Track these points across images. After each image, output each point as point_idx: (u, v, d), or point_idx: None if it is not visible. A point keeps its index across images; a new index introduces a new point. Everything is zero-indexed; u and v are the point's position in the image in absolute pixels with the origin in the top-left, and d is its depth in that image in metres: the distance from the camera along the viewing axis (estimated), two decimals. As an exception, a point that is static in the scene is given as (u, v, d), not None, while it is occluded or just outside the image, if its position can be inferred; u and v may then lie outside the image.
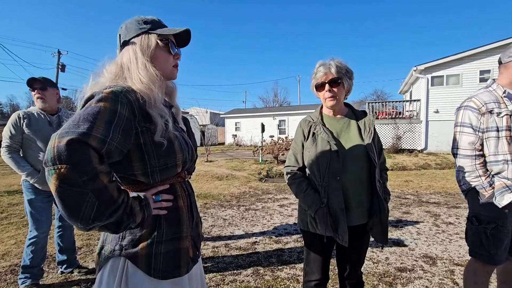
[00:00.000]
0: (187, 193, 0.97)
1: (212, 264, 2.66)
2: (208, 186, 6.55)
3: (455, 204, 4.85)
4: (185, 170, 0.97)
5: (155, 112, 0.84)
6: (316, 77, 1.41)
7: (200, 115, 18.64)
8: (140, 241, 0.84)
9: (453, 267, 2.57)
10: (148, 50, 0.90)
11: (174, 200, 0.91)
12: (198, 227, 1.02)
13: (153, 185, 0.88)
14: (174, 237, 0.89)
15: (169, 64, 0.95)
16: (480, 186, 1.51)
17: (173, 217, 0.90)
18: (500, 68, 1.60)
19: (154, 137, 0.83)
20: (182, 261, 0.89)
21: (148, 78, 0.86)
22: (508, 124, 1.45)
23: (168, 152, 0.87)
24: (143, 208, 0.81)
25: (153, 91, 0.85)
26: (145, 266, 0.83)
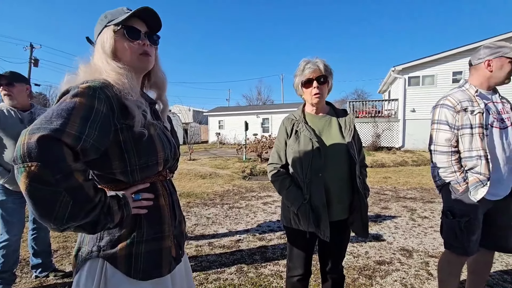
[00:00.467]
0: (169, 192, 0.95)
1: (196, 263, 2.64)
2: (191, 185, 6.47)
3: (430, 199, 5.10)
4: (166, 169, 0.95)
5: (132, 104, 0.81)
6: (304, 73, 1.43)
7: (183, 113, 18.29)
8: (119, 242, 0.81)
9: (428, 259, 2.70)
10: (107, 45, 0.85)
11: (155, 199, 0.88)
12: (181, 225, 1.01)
13: (132, 183, 0.85)
14: (155, 236, 0.87)
15: (132, 53, 0.87)
16: (455, 181, 1.59)
17: (154, 216, 0.88)
18: (470, 70, 1.69)
19: (134, 128, 0.80)
20: (164, 261, 0.87)
21: (115, 72, 0.82)
22: (481, 121, 1.53)
23: (149, 150, 0.84)
24: (121, 207, 0.78)
25: (125, 84, 0.81)
26: (124, 267, 0.80)
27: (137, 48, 0.88)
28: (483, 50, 1.61)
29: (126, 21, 0.86)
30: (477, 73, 1.64)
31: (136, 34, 0.88)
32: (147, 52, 0.89)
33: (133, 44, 0.87)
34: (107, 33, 0.86)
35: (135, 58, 0.88)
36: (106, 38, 0.86)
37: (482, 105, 1.55)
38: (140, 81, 0.96)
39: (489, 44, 1.60)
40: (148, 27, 0.91)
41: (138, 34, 0.88)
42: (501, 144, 1.54)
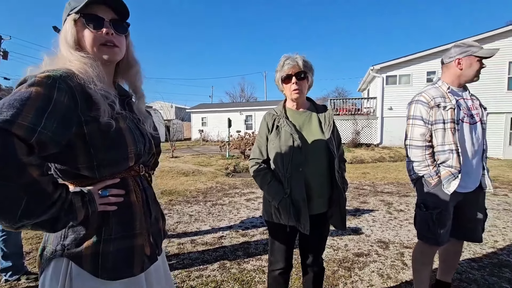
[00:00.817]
0: (142, 188, 0.91)
1: (177, 261, 2.61)
2: (173, 183, 6.37)
3: (405, 193, 5.32)
4: (140, 164, 0.91)
5: (97, 94, 0.76)
6: (283, 69, 1.44)
7: (164, 109, 17.85)
8: (84, 240, 0.77)
9: (403, 250, 2.83)
10: (69, 35, 0.80)
11: (125, 195, 0.84)
12: (158, 223, 0.97)
13: (100, 179, 0.80)
14: (126, 234, 0.82)
15: (94, 43, 0.82)
16: (428, 175, 1.67)
17: (124, 213, 0.84)
18: (443, 68, 1.78)
19: (100, 119, 0.75)
20: (136, 259, 0.83)
21: (79, 61, 0.78)
22: (452, 117, 1.61)
23: (118, 144, 0.80)
24: (86, 204, 0.75)
25: (89, 73, 0.77)
26: (90, 266, 0.77)
27: (99, 37, 0.82)
28: (454, 49, 1.69)
29: (87, 8, 0.80)
30: (448, 71, 1.73)
31: (97, 22, 0.82)
32: (110, 41, 0.84)
33: (94, 33, 0.82)
34: (69, 22, 0.81)
35: (96, 49, 0.83)
36: (67, 28, 0.81)
37: (454, 101, 1.63)
38: (111, 72, 0.92)
39: (459, 43, 1.69)
40: (116, 13, 0.85)
41: (100, 22, 0.82)
42: (470, 139, 1.64)
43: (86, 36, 0.82)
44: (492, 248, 2.83)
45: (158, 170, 6.51)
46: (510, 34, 11.63)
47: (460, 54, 1.65)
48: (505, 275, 2.30)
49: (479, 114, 1.69)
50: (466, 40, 1.73)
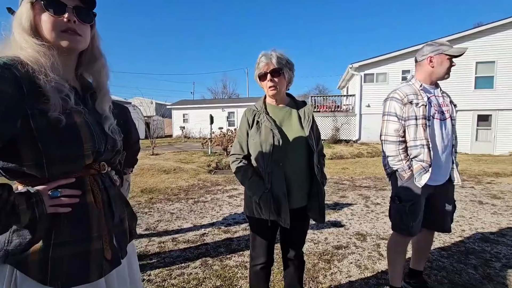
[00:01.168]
0: (103, 187, 0.85)
1: (158, 260, 2.57)
2: (154, 180, 6.23)
3: (382, 187, 5.55)
4: (101, 162, 0.85)
5: (48, 86, 0.70)
6: (259, 67, 1.45)
7: (144, 105, 17.36)
8: (30, 245, 0.71)
9: (379, 241, 2.95)
10: (24, 19, 0.74)
11: (81, 196, 0.78)
12: (123, 224, 0.91)
13: (50, 178, 0.74)
14: (81, 238, 0.76)
15: (53, 29, 0.75)
16: (401, 169, 1.74)
17: (79, 216, 0.77)
18: (416, 66, 1.86)
19: (49, 113, 0.69)
20: (93, 264, 0.77)
21: (32, 49, 0.71)
22: (424, 113, 1.69)
23: (71, 141, 0.74)
24: (32, 205, 0.69)
25: (41, 62, 0.71)
26: (38, 274, 0.70)
27: (59, 23, 0.76)
28: (426, 47, 1.77)
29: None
30: (421, 69, 1.81)
31: (59, 8, 0.75)
32: (72, 29, 0.77)
33: (54, 18, 0.75)
34: (25, 5, 0.74)
35: (55, 35, 0.76)
36: (23, 10, 0.74)
37: (425, 98, 1.72)
38: (71, 63, 0.86)
39: (431, 43, 1.77)
40: (81, 1, 0.79)
41: (62, 7, 0.76)
42: (440, 134, 1.73)
43: (44, 21, 0.75)
44: (460, 237, 3.03)
45: (138, 168, 6.35)
46: (477, 35, 12.37)
47: (432, 52, 1.74)
48: (471, 261, 2.47)
49: (449, 110, 1.78)
50: (438, 40, 1.81)
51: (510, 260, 2.50)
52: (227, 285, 2.15)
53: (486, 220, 3.55)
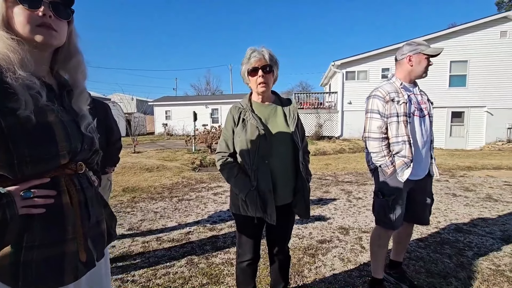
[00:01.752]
0: (80, 188, 0.82)
1: (142, 260, 2.52)
2: (136, 179, 6.07)
3: (363, 182, 5.72)
4: (77, 161, 0.83)
5: (16, 83, 0.68)
6: (250, 62, 1.44)
7: (124, 102, 16.79)
8: (0, 248, 0.69)
9: (361, 235, 3.05)
10: None
11: (56, 197, 0.76)
12: (100, 225, 0.90)
13: (22, 179, 0.72)
14: (55, 240, 0.75)
15: (27, 24, 0.73)
16: (384, 165, 1.80)
17: (54, 217, 0.75)
18: (396, 65, 1.92)
19: (18, 111, 0.67)
20: (68, 267, 0.76)
21: (2, 44, 0.69)
22: (405, 110, 1.75)
23: (45, 140, 0.72)
24: (2, 207, 0.66)
25: (10, 58, 0.69)
26: (8, 278, 0.68)
27: (34, 17, 0.74)
28: (406, 47, 1.83)
29: None
30: (401, 67, 1.87)
31: (34, 1, 0.73)
32: (47, 24, 0.75)
33: (29, 12, 0.73)
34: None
35: (29, 29, 0.74)
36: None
37: (406, 96, 1.78)
38: (46, 59, 0.84)
39: (410, 42, 1.84)
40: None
41: (37, 1, 0.74)
42: (420, 130, 1.80)
43: (18, 14, 0.72)
44: (436, 228, 3.19)
45: (119, 166, 6.15)
46: (451, 35, 12.95)
47: (411, 51, 1.80)
48: (446, 251, 2.61)
49: (427, 108, 1.86)
50: (417, 39, 1.88)
51: (481, 248, 2.66)
52: (213, 283, 2.14)
53: (460, 212, 3.76)
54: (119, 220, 3.60)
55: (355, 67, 14.31)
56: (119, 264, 2.45)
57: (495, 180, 5.64)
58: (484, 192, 4.72)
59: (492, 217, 3.51)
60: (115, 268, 2.37)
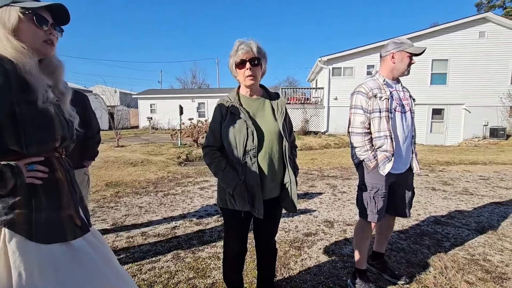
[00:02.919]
0: (66, 168, 1.02)
1: (127, 255, 2.48)
2: (120, 173, 5.93)
3: (348, 176, 5.85)
4: (63, 147, 1.02)
5: (35, 80, 0.87)
6: (237, 54, 1.41)
7: (107, 94, 16.21)
8: (14, 208, 0.86)
9: (346, 227, 3.13)
10: (9, 23, 0.88)
11: (51, 173, 0.94)
12: (83, 201, 1.08)
13: (26, 155, 0.90)
14: (54, 207, 0.93)
15: (37, 39, 0.93)
16: (367, 159, 1.84)
17: (52, 188, 0.94)
18: (380, 61, 1.95)
19: (37, 102, 0.87)
20: (67, 227, 0.94)
21: (14, 49, 0.86)
22: (387, 106, 1.80)
23: (49, 127, 0.92)
24: (15, 175, 0.84)
25: (28, 62, 0.86)
26: (24, 232, 0.85)
27: (41, 35, 0.94)
28: (390, 44, 1.87)
29: (37, 8, 0.91)
30: (384, 64, 1.91)
31: (44, 23, 0.93)
32: (52, 41, 0.96)
33: (40, 30, 0.93)
34: (12, 12, 0.89)
35: (38, 43, 0.93)
36: (9, 16, 0.88)
37: (388, 93, 1.82)
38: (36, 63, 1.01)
39: (395, 40, 1.87)
40: (54, 19, 0.98)
41: (46, 23, 0.94)
42: (401, 126, 1.85)
43: (32, 31, 0.91)
44: (416, 220, 3.31)
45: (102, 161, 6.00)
46: (434, 34, 13.34)
47: (394, 49, 1.84)
48: (425, 242, 2.72)
49: (409, 104, 1.91)
50: (401, 37, 1.92)
51: (457, 239, 2.80)
52: (200, 277, 2.14)
53: (438, 205, 3.92)
54: (102, 215, 3.51)
55: (341, 63, 14.49)
56: (103, 260, 2.39)
57: (471, 175, 5.92)
58: (461, 186, 4.95)
59: (468, 210, 3.69)
60: (98, 264, 2.32)
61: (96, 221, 3.31)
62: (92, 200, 4.12)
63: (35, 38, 0.92)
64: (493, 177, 5.61)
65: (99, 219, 3.38)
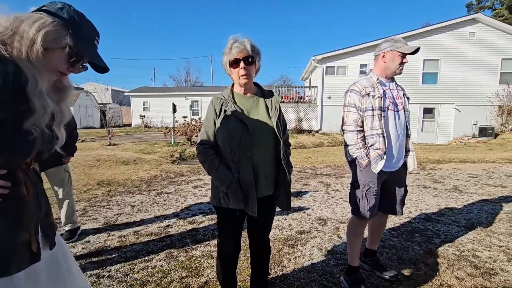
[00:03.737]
0: (33, 181, 0.89)
1: (119, 255, 2.45)
2: (111, 172, 5.85)
3: (341, 174, 5.89)
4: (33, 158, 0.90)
5: (37, 99, 0.78)
6: (231, 53, 1.40)
7: (99, 92, 15.96)
8: None
9: (339, 225, 3.15)
10: (51, 43, 0.80)
11: (13, 188, 0.81)
12: (48, 217, 0.96)
13: None
14: (10, 227, 0.79)
15: (58, 68, 0.86)
16: (360, 157, 1.85)
17: (11, 206, 0.80)
18: (374, 60, 1.96)
19: (25, 123, 0.77)
20: (18, 256, 0.79)
21: (37, 60, 0.78)
22: (379, 104, 1.81)
23: (26, 145, 0.81)
24: None
25: (40, 74, 0.79)
26: None
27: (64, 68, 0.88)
28: (384, 43, 1.88)
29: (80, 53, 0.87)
30: (377, 63, 1.93)
31: (75, 64, 0.89)
32: (66, 74, 0.92)
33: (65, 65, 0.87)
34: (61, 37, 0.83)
35: (54, 71, 0.87)
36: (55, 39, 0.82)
37: (381, 91, 1.84)
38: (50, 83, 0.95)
39: (388, 39, 1.88)
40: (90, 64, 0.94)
41: (76, 65, 0.90)
42: (394, 124, 1.87)
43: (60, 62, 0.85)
44: (407, 218, 3.36)
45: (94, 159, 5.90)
46: (425, 34, 13.51)
47: (385, 48, 1.85)
48: (416, 239, 2.77)
49: (402, 103, 1.93)
50: (395, 36, 1.93)
51: (447, 236, 2.85)
52: (193, 275, 2.13)
53: (429, 202, 3.99)
54: (94, 214, 3.46)
55: (335, 62, 14.57)
56: (94, 259, 2.36)
57: (461, 173, 6.03)
58: (451, 184, 5.04)
59: (458, 207, 3.76)
60: (89, 264, 2.29)
61: (87, 220, 3.26)
62: (83, 199, 4.06)
63: (55, 67, 0.85)
64: (482, 175, 5.73)
65: (90, 218, 3.33)
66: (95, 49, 0.94)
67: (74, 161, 6.27)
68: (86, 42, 0.89)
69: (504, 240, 2.75)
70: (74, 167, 5.89)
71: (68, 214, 2.75)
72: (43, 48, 0.79)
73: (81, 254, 2.44)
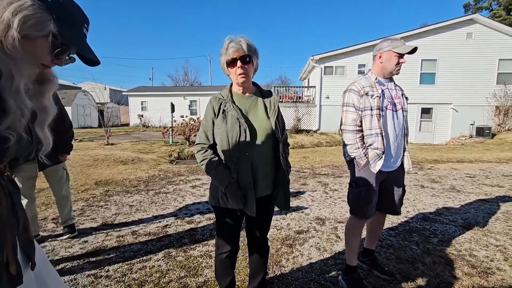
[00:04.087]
0: (7, 191, 0.75)
1: (117, 255, 2.44)
2: (110, 172, 5.83)
3: (339, 174, 5.90)
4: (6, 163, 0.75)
5: (12, 97, 0.64)
6: (228, 53, 1.40)
7: (96, 91, 15.90)
8: None
9: (337, 225, 3.16)
10: (31, 30, 0.66)
11: None
12: (27, 232, 0.82)
13: None
14: None
15: (40, 60, 0.72)
16: (358, 156, 1.86)
17: None
18: (372, 60, 1.97)
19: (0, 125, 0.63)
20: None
21: (13, 50, 0.64)
22: (378, 104, 1.81)
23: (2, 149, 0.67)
24: None
25: (17, 67, 0.65)
26: None
27: (47, 60, 0.74)
28: (381, 43, 1.89)
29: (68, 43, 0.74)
30: (375, 63, 1.93)
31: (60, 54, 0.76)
32: (49, 67, 0.78)
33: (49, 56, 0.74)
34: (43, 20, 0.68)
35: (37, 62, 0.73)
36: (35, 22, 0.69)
37: (380, 91, 1.84)
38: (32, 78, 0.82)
39: (386, 39, 1.89)
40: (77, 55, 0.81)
41: (62, 55, 0.76)
42: (392, 124, 1.88)
43: (43, 52, 0.71)
44: (405, 217, 3.38)
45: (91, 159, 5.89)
46: (423, 35, 13.56)
47: (382, 48, 1.86)
48: (414, 239, 2.78)
49: (401, 103, 1.94)
50: (393, 36, 1.94)
51: (445, 235, 2.86)
52: (191, 275, 2.13)
53: (427, 202, 4.00)
54: (91, 214, 3.45)
55: (333, 62, 14.60)
56: (92, 259, 2.35)
57: (458, 173, 6.06)
58: (449, 184, 5.06)
59: (455, 207, 3.78)
60: (87, 264, 2.28)
61: (85, 220, 3.25)
62: (81, 199, 4.04)
63: (38, 57, 0.71)
64: (479, 175, 5.77)
65: (88, 218, 3.32)
66: (84, 38, 0.78)
67: (72, 161, 6.25)
68: (74, 29, 0.75)
69: (501, 239, 2.76)
70: (72, 167, 5.87)
71: (67, 212, 2.76)
72: (21, 36, 0.64)
73: (79, 254, 2.44)
